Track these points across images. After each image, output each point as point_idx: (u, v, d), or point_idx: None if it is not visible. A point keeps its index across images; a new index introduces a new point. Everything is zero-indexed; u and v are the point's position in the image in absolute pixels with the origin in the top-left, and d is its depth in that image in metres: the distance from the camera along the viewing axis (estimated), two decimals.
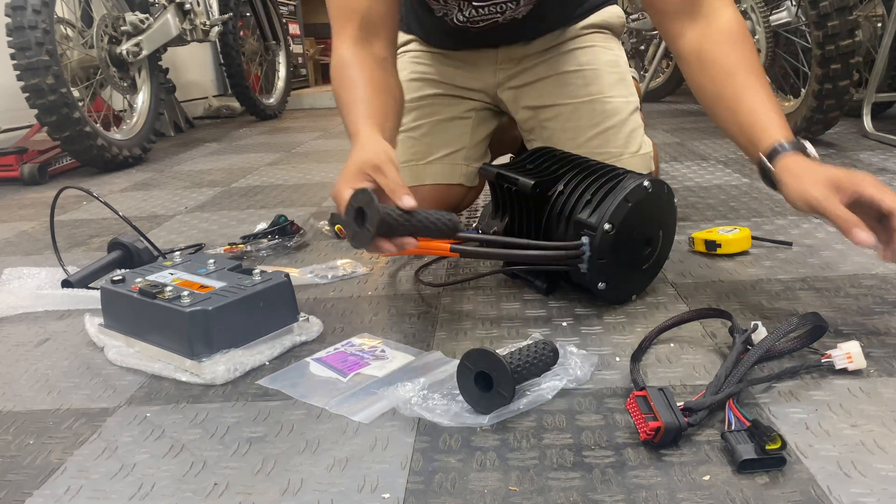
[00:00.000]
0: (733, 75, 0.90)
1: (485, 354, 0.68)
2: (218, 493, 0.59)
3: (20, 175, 2.17)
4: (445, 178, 1.24)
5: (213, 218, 1.59)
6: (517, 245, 0.92)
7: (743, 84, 0.89)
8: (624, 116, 1.21)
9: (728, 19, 0.93)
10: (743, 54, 0.91)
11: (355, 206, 0.75)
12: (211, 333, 0.80)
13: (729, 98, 0.89)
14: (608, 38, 1.28)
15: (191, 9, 2.87)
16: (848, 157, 1.83)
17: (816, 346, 0.77)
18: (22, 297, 1.05)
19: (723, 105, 0.90)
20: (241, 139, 3.04)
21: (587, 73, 1.22)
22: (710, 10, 0.93)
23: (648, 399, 0.62)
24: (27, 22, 2.02)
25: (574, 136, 1.19)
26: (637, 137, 1.21)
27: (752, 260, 1.09)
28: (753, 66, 0.91)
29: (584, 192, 0.91)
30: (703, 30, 0.93)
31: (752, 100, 0.88)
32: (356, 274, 1.12)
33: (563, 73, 1.23)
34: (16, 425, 0.72)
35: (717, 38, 0.92)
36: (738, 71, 0.90)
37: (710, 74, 0.92)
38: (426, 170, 1.23)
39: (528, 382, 0.71)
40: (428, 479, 0.59)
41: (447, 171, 1.24)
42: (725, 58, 0.91)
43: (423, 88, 1.26)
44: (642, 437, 0.61)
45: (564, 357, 0.75)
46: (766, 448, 0.57)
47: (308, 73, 5.34)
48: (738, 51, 0.91)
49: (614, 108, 1.21)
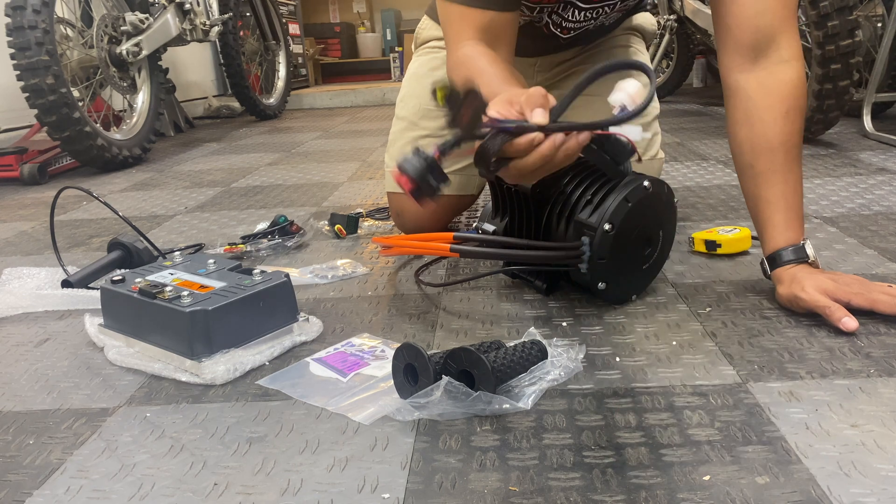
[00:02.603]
0: (772, 152, 0.88)
1: (466, 352, 0.69)
2: (218, 493, 0.59)
3: (20, 175, 2.17)
4: (462, 190, 1.26)
5: (213, 218, 1.59)
6: (517, 245, 0.92)
7: (775, 167, 0.88)
8: (649, 120, 1.25)
9: (791, 77, 0.89)
10: (790, 128, 0.89)
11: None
12: (211, 333, 0.80)
13: (756, 175, 0.90)
14: (640, 41, 1.32)
15: (191, 9, 2.87)
16: (848, 157, 1.83)
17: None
18: (22, 297, 1.05)
19: (750, 174, 0.91)
20: (241, 139, 3.04)
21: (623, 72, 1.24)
22: (777, 57, 0.90)
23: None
24: (27, 22, 2.02)
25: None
26: (657, 143, 1.26)
27: (752, 260, 1.08)
28: (794, 146, 0.89)
29: (584, 192, 0.91)
30: (763, 78, 0.90)
31: (776, 190, 0.88)
32: (356, 274, 1.12)
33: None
34: (16, 425, 0.72)
35: (771, 98, 0.89)
36: (777, 149, 0.88)
37: (750, 135, 0.90)
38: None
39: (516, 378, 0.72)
40: (428, 479, 0.59)
41: (465, 182, 1.26)
42: (772, 126, 0.89)
43: None
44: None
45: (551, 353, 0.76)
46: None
47: (308, 73, 5.34)
48: (787, 122, 0.89)
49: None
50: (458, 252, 0.92)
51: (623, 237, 0.88)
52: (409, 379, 0.71)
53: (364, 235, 1.35)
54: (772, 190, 0.89)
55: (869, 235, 1.17)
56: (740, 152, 0.92)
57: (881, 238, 1.16)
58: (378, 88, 4.58)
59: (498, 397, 0.68)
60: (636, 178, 0.90)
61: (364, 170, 2.10)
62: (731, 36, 0.92)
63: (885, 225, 1.23)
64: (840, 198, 1.43)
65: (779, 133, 0.89)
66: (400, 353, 0.71)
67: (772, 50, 0.90)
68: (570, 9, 1.08)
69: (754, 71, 0.91)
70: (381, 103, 4.50)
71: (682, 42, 3.37)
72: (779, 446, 0.61)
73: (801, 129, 0.91)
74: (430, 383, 0.68)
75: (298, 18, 5.28)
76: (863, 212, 1.32)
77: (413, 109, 1.27)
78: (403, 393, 0.71)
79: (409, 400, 0.68)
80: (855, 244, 1.13)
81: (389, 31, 5.97)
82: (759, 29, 0.90)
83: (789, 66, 0.90)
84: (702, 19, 2.80)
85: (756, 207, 0.91)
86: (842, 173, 1.65)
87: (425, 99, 1.26)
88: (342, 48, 6.05)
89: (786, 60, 0.90)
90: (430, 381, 0.68)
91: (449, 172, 1.24)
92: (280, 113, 3.97)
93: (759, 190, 0.90)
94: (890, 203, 1.37)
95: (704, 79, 4.29)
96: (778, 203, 0.88)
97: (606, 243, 0.87)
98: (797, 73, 0.90)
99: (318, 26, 6.03)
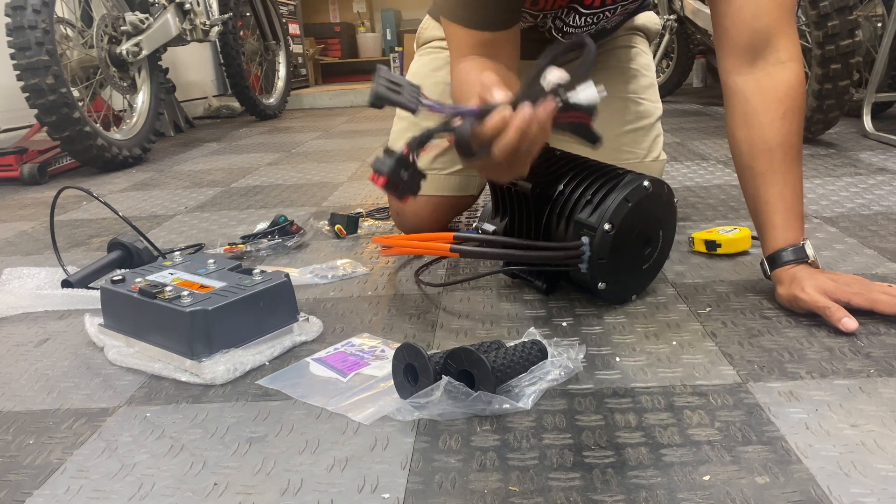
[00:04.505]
0: (770, 153, 0.89)
1: (467, 352, 0.69)
2: (218, 492, 0.59)
3: (20, 175, 2.17)
4: (462, 190, 1.26)
5: (213, 218, 1.59)
6: (517, 245, 0.92)
7: (774, 168, 0.89)
8: (653, 120, 1.26)
9: (789, 78, 0.90)
10: (788, 128, 0.89)
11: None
12: (211, 333, 0.80)
13: (756, 175, 0.90)
14: (644, 41, 1.32)
15: (191, 9, 2.87)
16: (848, 157, 1.83)
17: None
18: (22, 297, 1.05)
19: (749, 175, 0.91)
20: (241, 139, 3.04)
21: (626, 70, 1.24)
22: (775, 58, 0.90)
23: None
24: (27, 22, 2.02)
25: (604, 129, 1.21)
26: (660, 144, 1.26)
27: (752, 260, 1.08)
28: (792, 146, 0.89)
29: (584, 192, 0.91)
30: (761, 79, 0.90)
31: (775, 191, 0.89)
32: (356, 274, 1.12)
33: (603, 69, 1.25)
34: (16, 425, 0.72)
35: (769, 99, 0.89)
36: (776, 149, 0.88)
37: (748, 135, 0.90)
38: (447, 181, 1.25)
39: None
40: (428, 479, 0.59)
41: (465, 182, 1.26)
42: (770, 127, 0.89)
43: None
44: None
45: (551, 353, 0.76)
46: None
47: (308, 73, 5.34)
48: (785, 123, 0.89)
49: (646, 110, 1.23)
50: (458, 252, 0.92)
51: (623, 237, 0.88)
52: (409, 379, 0.71)
53: (364, 235, 1.35)
54: (771, 190, 0.89)
55: (869, 235, 1.17)
56: (739, 153, 0.92)
57: (881, 238, 1.16)
58: None
59: (498, 397, 0.68)
60: (636, 178, 0.90)
61: (364, 170, 2.10)
62: (729, 38, 0.92)
63: (885, 225, 1.23)
64: (840, 198, 1.43)
65: (777, 134, 0.89)
66: (400, 353, 0.71)
67: (769, 52, 0.90)
68: (573, 14, 1.09)
69: (752, 73, 0.91)
70: None
71: (682, 42, 3.37)
72: (779, 446, 0.61)
73: (800, 130, 0.91)
74: (430, 383, 0.68)
75: (298, 18, 5.28)
76: (863, 212, 1.32)
77: None
78: (403, 393, 0.71)
79: (409, 400, 0.68)
80: (855, 244, 1.13)
81: (389, 31, 5.97)
82: (756, 31, 0.90)
83: (787, 68, 0.90)
84: (702, 19, 2.80)
85: (756, 208, 0.91)
86: (842, 173, 1.65)
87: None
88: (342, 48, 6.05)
89: (783, 62, 0.90)
90: (430, 381, 0.68)
91: (451, 173, 1.25)
92: (280, 113, 3.97)
93: (758, 191, 0.90)
94: (890, 203, 1.37)
95: (704, 79, 4.29)
96: (777, 204, 0.88)
97: (606, 243, 0.87)
98: (795, 75, 0.90)
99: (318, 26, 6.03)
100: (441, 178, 1.25)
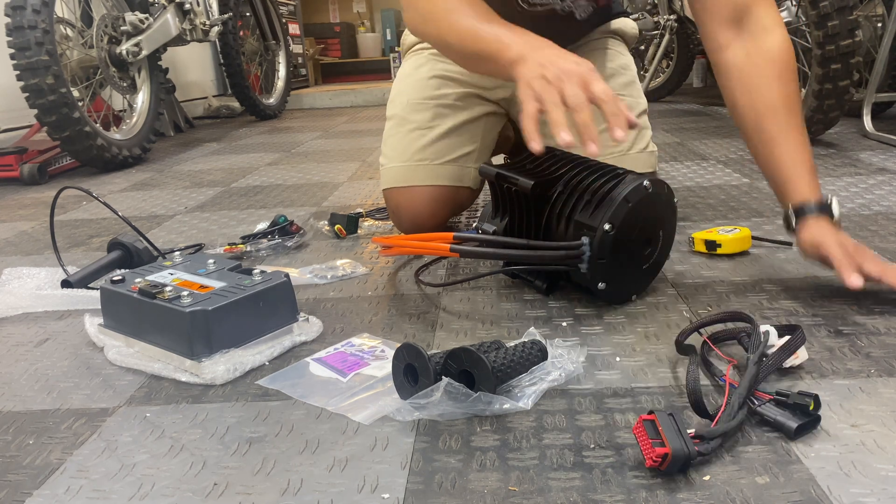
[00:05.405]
0: (775, 113, 0.90)
1: (467, 352, 0.69)
2: (218, 493, 0.59)
3: (20, 175, 2.17)
4: (456, 181, 1.25)
5: (212, 218, 1.59)
6: (517, 245, 0.92)
7: (782, 127, 0.90)
8: (637, 112, 1.23)
9: (776, 42, 0.92)
10: (787, 89, 0.91)
11: None
12: (211, 333, 0.80)
13: (767, 138, 0.92)
14: (620, 44, 1.32)
15: (191, 9, 2.87)
16: (848, 157, 1.83)
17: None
18: (22, 297, 1.05)
19: (759, 139, 0.93)
20: (241, 139, 3.04)
21: (603, 69, 1.24)
22: (758, 26, 0.93)
23: (657, 423, 0.58)
24: (27, 22, 2.02)
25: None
26: (646, 136, 1.25)
27: (752, 260, 1.09)
28: (794, 104, 0.91)
29: (584, 192, 0.91)
30: (750, 48, 0.93)
31: (789, 148, 0.90)
32: (356, 274, 1.12)
33: None
34: (16, 425, 0.72)
35: (762, 63, 0.92)
36: (780, 109, 0.90)
37: (750, 100, 0.92)
38: (439, 170, 1.24)
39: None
40: (428, 479, 0.59)
41: (459, 173, 1.25)
42: (769, 89, 0.91)
43: (442, 87, 1.27)
44: (648, 464, 0.57)
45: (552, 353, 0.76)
46: (808, 410, 0.61)
47: (308, 73, 5.34)
48: (782, 84, 0.91)
49: (627, 105, 1.23)
50: (458, 252, 0.92)
51: (623, 237, 0.88)
52: (409, 379, 0.71)
53: (364, 235, 1.35)
54: (786, 147, 0.90)
55: (869, 235, 1.17)
56: (745, 120, 0.94)
57: (881, 238, 1.16)
58: (378, 88, 4.58)
59: (498, 397, 0.68)
60: (636, 178, 0.90)
61: (364, 170, 2.10)
62: (710, 14, 0.95)
63: (885, 225, 1.23)
64: (840, 198, 1.43)
65: (778, 95, 0.91)
66: (400, 353, 0.71)
67: (752, 21, 0.93)
68: None
69: (740, 43, 0.94)
70: (381, 103, 4.50)
71: (682, 42, 3.37)
72: (779, 446, 0.61)
73: (798, 92, 0.92)
74: (430, 383, 0.68)
75: (298, 18, 5.28)
76: (863, 212, 1.32)
77: (401, 105, 1.28)
78: (403, 393, 0.71)
79: (409, 400, 0.68)
80: None
81: (389, 30, 5.98)
82: (736, 4, 0.93)
83: (772, 33, 0.93)
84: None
85: (772, 167, 0.92)
86: (842, 173, 1.65)
87: (412, 95, 1.27)
88: (342, 48, 6.06)
89: (767, 28, 0.93)
90: (430, 381, 0.68)
91: (443, 162, 1.25)
92: (280, 113, 3.97)
93: (772, 151, 0.91)
94: (890, 203, 1.37)
95: (704, 79, 4.29)
96: (795, 158, 0.90)
97: (606, 243, 0.87)
98: (782, 37, 0.93)
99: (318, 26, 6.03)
100: (434, 168, 1.24)
